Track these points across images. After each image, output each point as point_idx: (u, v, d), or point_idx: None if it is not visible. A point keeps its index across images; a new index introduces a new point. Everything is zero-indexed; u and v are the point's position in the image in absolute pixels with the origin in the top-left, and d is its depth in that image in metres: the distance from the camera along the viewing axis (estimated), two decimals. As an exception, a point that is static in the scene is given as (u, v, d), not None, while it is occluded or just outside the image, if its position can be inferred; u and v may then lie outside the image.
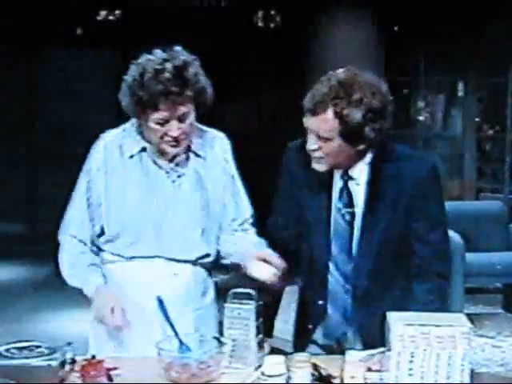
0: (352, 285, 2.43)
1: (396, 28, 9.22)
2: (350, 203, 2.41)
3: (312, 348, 2.51)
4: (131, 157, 2.50)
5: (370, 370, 2.10)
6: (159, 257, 2.49)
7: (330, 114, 2.28)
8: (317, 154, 2.35)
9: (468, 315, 2.16)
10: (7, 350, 2.16)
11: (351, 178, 2.41)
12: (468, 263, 6.25)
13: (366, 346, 2.35)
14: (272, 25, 8.96)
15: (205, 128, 2.60)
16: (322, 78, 2.34)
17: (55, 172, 9.47)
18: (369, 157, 2.40)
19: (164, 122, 2.39)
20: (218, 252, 2.58)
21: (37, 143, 9.86)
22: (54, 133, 9.70)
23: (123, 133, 2.54)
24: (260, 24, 8.98)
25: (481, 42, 8.95)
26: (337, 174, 2.43)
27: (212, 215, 2.54)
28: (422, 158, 2.48)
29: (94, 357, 2.19)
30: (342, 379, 2.12)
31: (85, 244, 2.54)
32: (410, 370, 2.00)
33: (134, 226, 2.47)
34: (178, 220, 2.49)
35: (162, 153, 2.49)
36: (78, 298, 2.58)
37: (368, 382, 2.08)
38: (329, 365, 2.21)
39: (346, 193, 2.42)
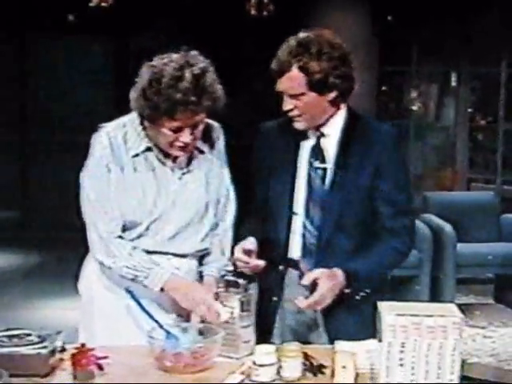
0: (319, 234, 2.51)
1: (389, 18, 9.21)
2: (322, 159, 2.53)
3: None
4: (136, 155, 2.45)
5: None
6: (158, 252, 2.47)
7: (294, 70, 2.44)
8: (293, 113, 2.49)
9: (459, 305, 2.17)
10: (-3, 338, 2.15)
11: (323, 135, 2.54)
12: (459, 253, 6.27)
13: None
14: (265, 13, 8.92)
15: None
16: (283, 44, 2.50)
17: (46, 159, 9.44)
18: (341, 117, 2.54)
19: (177, 130, 2.36)
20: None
21: (28, 131, 9.80)
22: (45, 120, 9.64)
23: (124, 128, 2.47)
24: (253, 12, 8.94)
25: (474, 32, 8.94)
26: (310, 134, 2.55)
27: (212, 210, 2.55)
28: (387, 126, 2.65)
29: (83, 345, 2.18)
30: (332, 369, 2.12)
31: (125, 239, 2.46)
32: (401, 359, 2.00)
33: (139, 222, 2.44)
34: (184, 216, 2.48)
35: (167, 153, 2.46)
36: (68, 286, 2.57)
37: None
38: (319, 354, 2.23)
39: (318, 149, 2.54)
